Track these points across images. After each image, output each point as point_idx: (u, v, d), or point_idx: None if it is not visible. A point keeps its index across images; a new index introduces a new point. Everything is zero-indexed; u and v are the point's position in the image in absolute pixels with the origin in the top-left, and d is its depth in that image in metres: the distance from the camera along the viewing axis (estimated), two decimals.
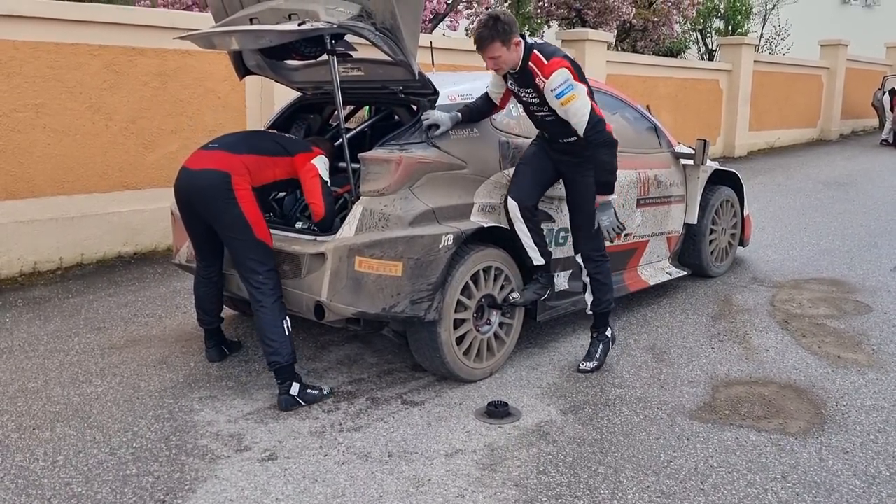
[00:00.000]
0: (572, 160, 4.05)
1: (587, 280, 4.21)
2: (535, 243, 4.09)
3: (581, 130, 3.76)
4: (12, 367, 4.14)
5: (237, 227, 3.64)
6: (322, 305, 3.62)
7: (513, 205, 4.00)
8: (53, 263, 6.02)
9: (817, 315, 5.15)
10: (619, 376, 4.12)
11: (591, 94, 3.85)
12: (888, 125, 14.90)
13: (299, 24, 3.54)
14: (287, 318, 3.68)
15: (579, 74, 3.82)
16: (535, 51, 3.78)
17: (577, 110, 3.73)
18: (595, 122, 3.74)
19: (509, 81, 3.94)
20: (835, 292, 5.65)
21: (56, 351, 4.39)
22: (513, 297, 4.09)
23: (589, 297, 4.23)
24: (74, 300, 5.31)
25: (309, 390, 3.73)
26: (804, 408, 3.76)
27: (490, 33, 3.70)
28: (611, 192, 3.91)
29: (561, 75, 3.70)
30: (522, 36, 3.84)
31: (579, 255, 4.21)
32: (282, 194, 4.32)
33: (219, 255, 4.02)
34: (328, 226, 3.80)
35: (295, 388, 3.68)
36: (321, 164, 3.86)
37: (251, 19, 3.99)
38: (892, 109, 14.80)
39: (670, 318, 5.05)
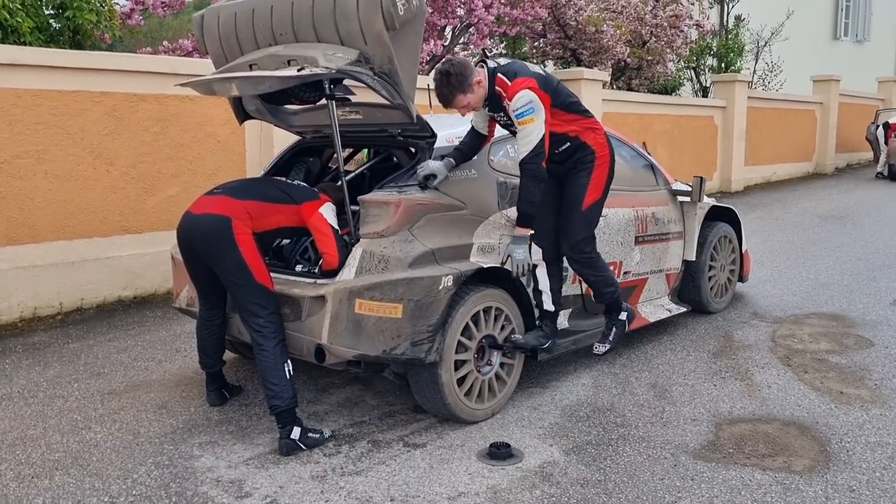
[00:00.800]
0: (567, 165, 4.09)
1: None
2: (551, 289, 4.13)
3: (520, 155, 3.80)
4: (11, 414, 4.11)
5: (237, 271, 3.65)
6: (322, 348, 3.62)
7: (537, 251, 4.06)
8: (53, 308, 6.02)
9: (819, 350, 5.14)
10: (622, 415, 4.09)
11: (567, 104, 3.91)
12: (883, 158, 15.01)
13: (298, 70, 3.60)
14: (288, 362, 3.67)
15: (548, 88, 3.85)
16: (498, 74, 3.83)
17: (527, 134, 3.76)
18: (537, 153, 3.76)
19: (485, 108, 3.99)
20: (835, 327, 5.65)
21: (55, 397, 4.37)
22: (514, 338, 4.09)
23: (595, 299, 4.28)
24: (74, 345, 5.30)
25: (310, 434, 3.71)
26: (808, 445, 3.73)
27: (448, 91, 3.78)
28: (529, 225, 3.93)
29: (523, 97, 3.73)
30: (483, 61, 3.90)
31: (564, 256, 4.17)
32: (285, 241, 4.34)
33: (221, 299, 4.02)
34: (337, 273, 3.83)
35: (296, 433, 3.65)
36: (329, 212, 3.87)
37: (251, 65, 4.05)
38: (886, 143, 14.93)
39: (671, 356, 5.04)
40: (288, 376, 3.64)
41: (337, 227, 3.86)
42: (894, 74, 22.01)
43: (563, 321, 4.49)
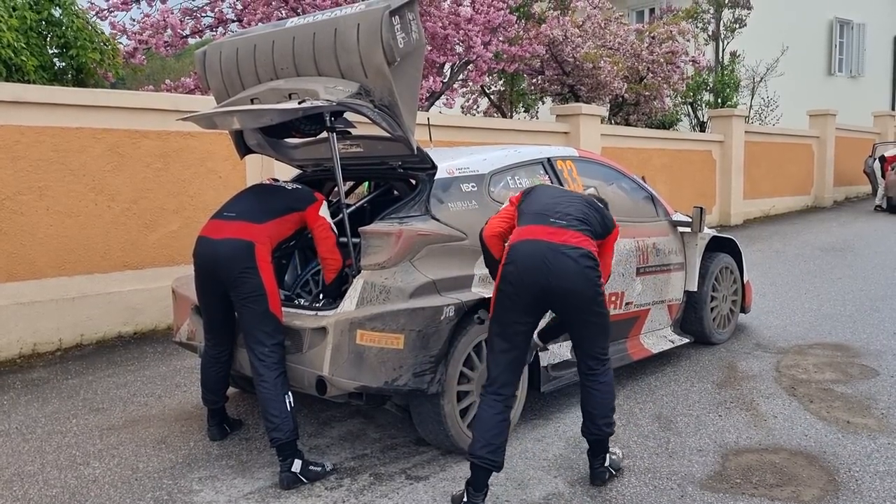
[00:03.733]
0: None
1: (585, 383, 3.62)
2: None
3: None
4: (9, 451, 4.07)
5: (254, 297, 3.66)
6: (324, 380, 3.59)
7: None
8: (53, 345, 5.99)
9: (824, 380, 5.10)
10: (626, 446, 4.04)
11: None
12: (881, 191, 15.08)
13: (300, 103, 3.63)
14: (289, 394, 3.64)
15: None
16: None
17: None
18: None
19: None
20: (839, 357, 5.61)
21: (54, 433, 4.32)
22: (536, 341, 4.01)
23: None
24: (73, 381, 5.26)
25: (311, 467, 3.66)
26: (816, 475, 3.68)
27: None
28: None
29: None
30: None
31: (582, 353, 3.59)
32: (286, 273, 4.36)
33: (230, 334, 3.99)
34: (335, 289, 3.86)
35: (297, 465, 3.61)
36: (327, 211, 3.97)
37: (252, 100, 4.09)
38: (883, 176, 15.01)
39: (675, 387, 5.00)
40: (289, 408, 3.61)
41: (333, 226, 3.96)
42: (889, 109, 22.22)
43: (565, 352, 4.46)
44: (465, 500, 3.25)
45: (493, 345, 3.39)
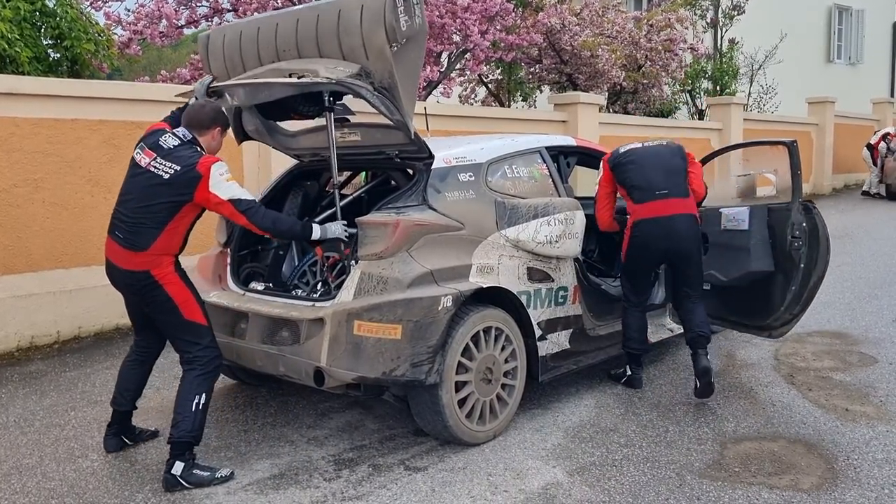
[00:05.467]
0: None
1: None
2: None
3: None
4: (7, 444, 4.06)
5: (164, 310, 3.58)
6: (322, 371, 3.59)
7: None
8: (51, 337, 5.98)
9: (822, 368, 5.09)
10: (626, 435, 4.04)
11: None
12: (871, 178, 15.13)
13: (298, 78, 3.61)
14: (203, 395, 3.51)
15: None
16: None
17: None
18: None
19: None
20: (838, 345, 5.61)
21: (52, 426, 4.32)
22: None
23: None
24: (71, 374, 5.25)
25: (196, 471, 3.50)
26: (815, 463, 3.68)
27: None
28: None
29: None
30: None
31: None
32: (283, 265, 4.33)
33: (159, 337, 3.88)
34: (283, 225, 3.74)
35: (177, 468, 3.46)
36: (219, 180, 3.49)
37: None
38: (874, 163, 15.04)
39: (674, 375, 5.00)
40: (193, 409, 3.47)
41: (234, 194, 3.53)
42: (889, 96, 22.17)
43: (564, 342, 4.46)
44: (628, 373, 4.69)
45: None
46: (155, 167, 3.50)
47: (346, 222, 3.93)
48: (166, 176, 3.47)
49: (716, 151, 5.55)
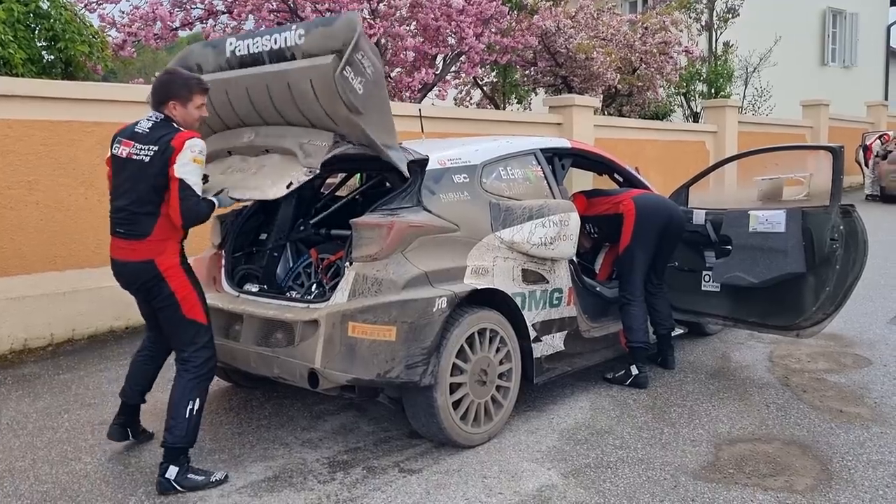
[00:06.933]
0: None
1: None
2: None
3: None
4: (0, 447, 4.04)
5: (164, 305, 3.52)
6: (316, 373, 3.58)
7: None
8: (44, 340, 5.96)
9: (817, 370, 5.10)
10: (620, 437, 4.04)
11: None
12: (868, 181, 15.22)
13: (287, 186, 3.62)
14: (196, 401, 3.47)
15: None
16: None
17: None
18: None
19: None
20: (833, 346, 5.62)
21: (45, 428, 4.30)
22: None
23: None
24: (65, 376, 5.23)
25: (191, 475, 3.47)
26: (810, 464, 3.69)
27: None
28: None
29: None
30: None
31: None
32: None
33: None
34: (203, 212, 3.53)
35: (172, 472, 3.43)
36: (185, 157, 3.36)
37: (229, 151, 4.05)
38: (866, 165, 15.13)
39: (669, 377, 5.00)
40: (187, 415, 3.43)
41: (188, 177, 3.37)
42: (882, 98, 22.25)
43: (558, 343, 4.46)
44: (634, 373, 4.74)
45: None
46: (136, 154, 3.43)
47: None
48: (147, 159, 3.40)
49: (752, 151, 5.57)
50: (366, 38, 3.57)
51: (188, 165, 3.37)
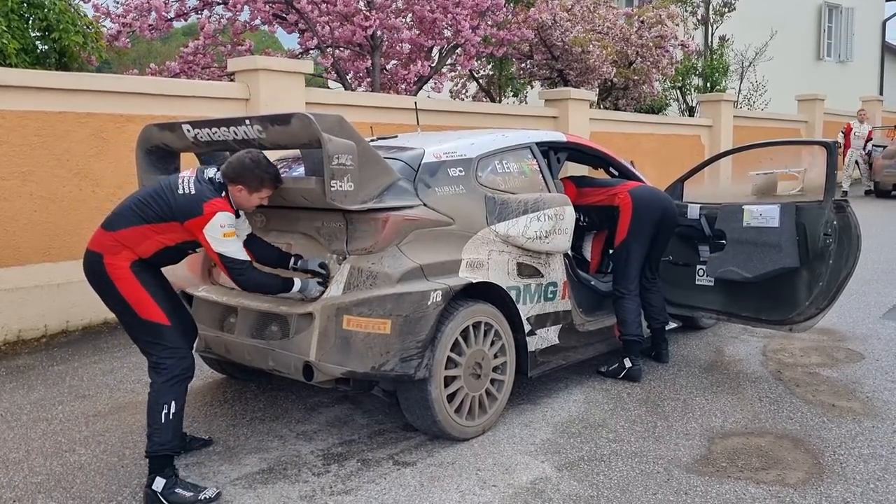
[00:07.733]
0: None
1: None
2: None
3: None
4: None
5: (119, 308, 3.38)
6: (311, 365, 3.58)
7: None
8: (38, 331, 5.94)
9: (809, 364, 5.13)
10: (614, 430, 4.06)
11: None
12: (844, 174, 15.43)
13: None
14: (173, 403, 3.32)
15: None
16: None
17: None
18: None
19: None
20: (826, 341, 5.65)
21: (39, 420, 4.30)
22: None
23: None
24: (59, 368, 5.22)
25: (179, 489, 3.27)
26: (802, 458, 3.71)
27: None
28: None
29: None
30: None
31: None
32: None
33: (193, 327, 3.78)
34: (264, 287, 3.66)
35: (158, 484, 3.25)
36: (216, 231, 3.32)
37: None
38: (843, 154, 15.38)
39: (662, 371, 5.02)
40: (164, 419, 3.28)
41: (226, 250, 3.36)
42: (878, 94, 22.28)
43: (553, 337, 4.47)
44: (628, 366, 4.76)
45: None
46: (182, 178, 3.39)
47: (321, 280, 3.80)
48: (180, 191, 3.33)
49: (747, 146, 5.60)
50: (324, 122, 3.45)
51: (221, 240, 3.34)
